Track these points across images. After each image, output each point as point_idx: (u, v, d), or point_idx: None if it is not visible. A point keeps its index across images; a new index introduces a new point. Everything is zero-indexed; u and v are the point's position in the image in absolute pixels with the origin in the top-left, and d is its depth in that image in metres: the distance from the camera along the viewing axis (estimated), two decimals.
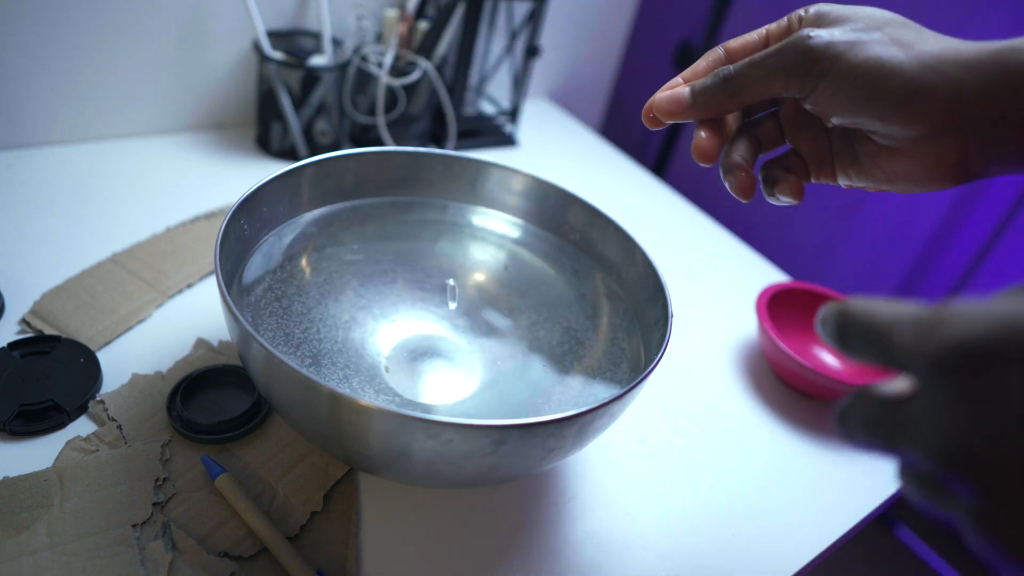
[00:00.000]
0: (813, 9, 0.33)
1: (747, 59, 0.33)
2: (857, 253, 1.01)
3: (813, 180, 0.37)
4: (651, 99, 0.36)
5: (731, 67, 0.33)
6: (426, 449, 0.33)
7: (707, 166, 0.36)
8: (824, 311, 0.23)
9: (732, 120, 0.38)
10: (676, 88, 0.35)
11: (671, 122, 0.36)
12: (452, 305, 0.52)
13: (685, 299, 0.67)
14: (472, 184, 0.54)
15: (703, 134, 0.35)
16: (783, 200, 0.37)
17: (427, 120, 0.79)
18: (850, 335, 0.21)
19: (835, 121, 0.32)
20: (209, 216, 0.61)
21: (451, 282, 0.51)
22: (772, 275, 0.74)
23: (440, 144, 0.81)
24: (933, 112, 0.29)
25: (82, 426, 0.42)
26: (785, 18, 0.35)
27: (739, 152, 0.36)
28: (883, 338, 0.20)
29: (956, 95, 0.29)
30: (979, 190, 0.85)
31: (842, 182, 0.36)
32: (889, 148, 0.32)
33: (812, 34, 0.31)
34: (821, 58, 0.30)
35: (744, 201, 0.36)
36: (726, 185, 0.36)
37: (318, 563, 0.38)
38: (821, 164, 0.36)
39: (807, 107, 0.32)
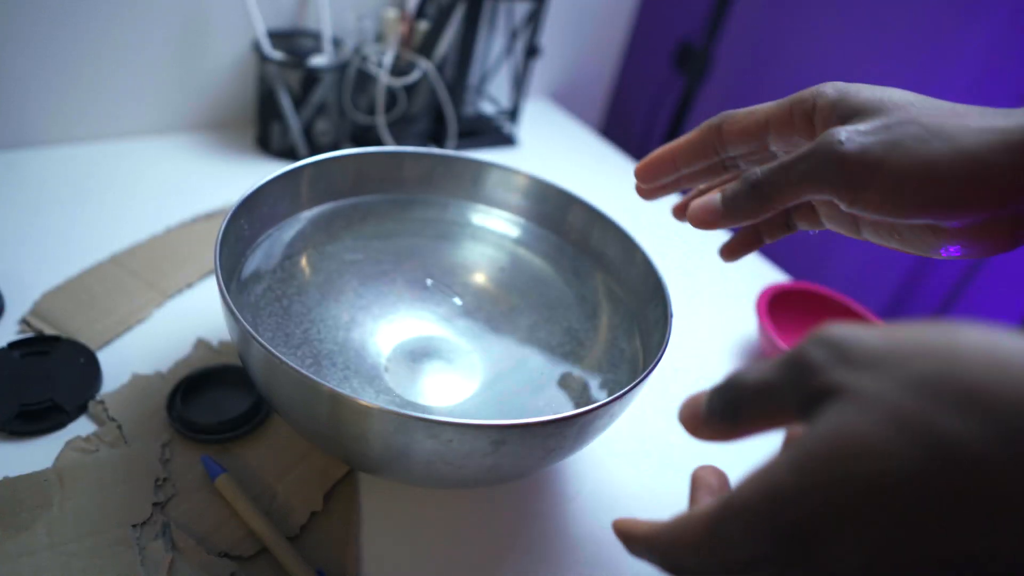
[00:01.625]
0: (831, 90, 0.30)
1: (777, 163, 0.30)
2: (857, 253, 1.01)
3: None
4: (686, 206, 0.37)
5: (759, 172, 0.31)
6: (426, 449, 0.33)
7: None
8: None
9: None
10: (707, 197, 0.34)
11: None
12: (457, 300, 0.52)
13: (685, 299, 0.67)
14: (472, 184, 0.54)
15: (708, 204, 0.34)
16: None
17: (427, 120, 0.79)
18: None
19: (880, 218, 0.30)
20: (209, 216, 0.61)
21: (429, 282, 0.51)
22: (772, 275, 0.74)
23: (440, 144, 0.81)
24: (988, 204, 0.27)
25: (82, 426, 0.42)
26: (797, 95, 0.32)
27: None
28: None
29: (1009, 182, 0.27)
30: None
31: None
32: (938, 228, 0.30)
33: (843, 139, 0.28)
34: (859, 169, 0.28)
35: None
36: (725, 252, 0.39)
37: (318, 563, 0.38)
38: (851, 227, 0.35)
39: (845, 209, 0.30)
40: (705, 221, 0.34)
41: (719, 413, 0.24)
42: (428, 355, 0.49)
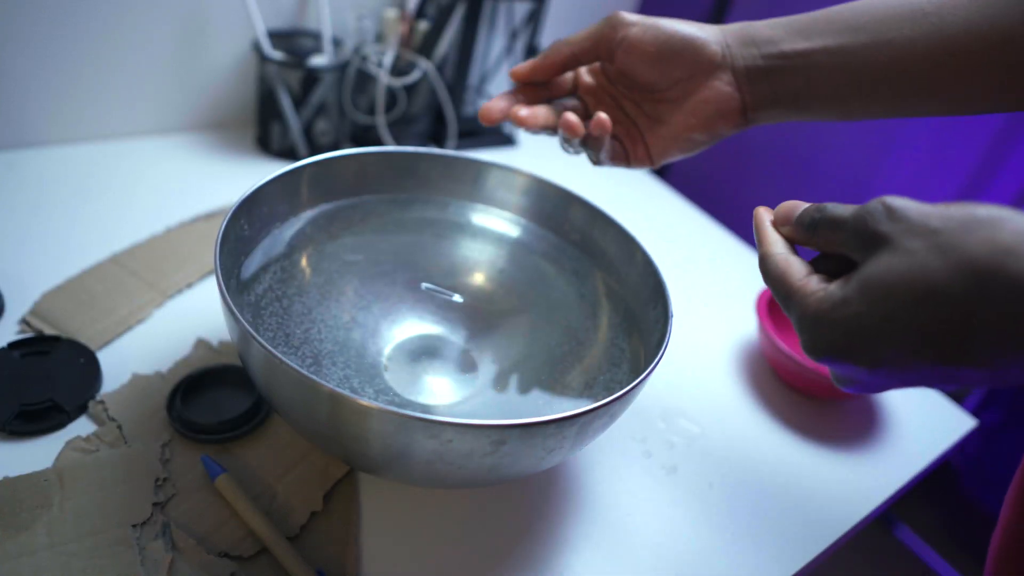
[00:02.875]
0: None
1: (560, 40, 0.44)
2: None
3: (631, 161, 0.46)
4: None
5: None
6: (426, 449, 0.33)
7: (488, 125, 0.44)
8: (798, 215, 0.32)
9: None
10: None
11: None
12: (457, 297, 0.52)
13: (685, 299, 0.67)
14: (472, 184, 0.54)
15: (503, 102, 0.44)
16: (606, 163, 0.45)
17: (427, 120, 0.79)
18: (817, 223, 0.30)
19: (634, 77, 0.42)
20: (209, 216, 0.61)
21: (425, 286, 0.52)
22: None
23: (440, 144, 0.81)
24: (705, 58, 0.40)
25: (82, 426, 0.42)
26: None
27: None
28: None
29: (722, 47, 0.41)
30: (981, 187, 0.85)
31: (654, 151, 0.44)
32: (675, 100, 0.42)
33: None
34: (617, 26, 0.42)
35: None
36: (593, 151, 0.44)
37: (318, 563, 0.38)
38: (631, 137, 0.45)
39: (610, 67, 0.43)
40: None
41: (805, 223, 0.31)
42: (428, 355, 0.49)
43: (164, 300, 0.52)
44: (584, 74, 0.46)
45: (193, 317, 0.51)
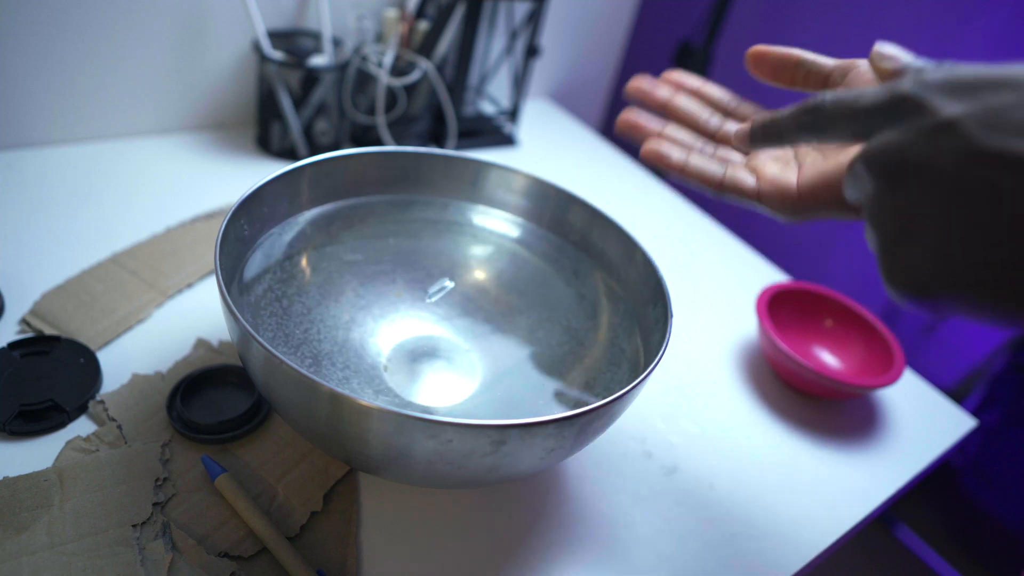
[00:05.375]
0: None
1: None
2: (857, 253, 1.01)
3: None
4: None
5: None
6: (426, 449, 0.33)
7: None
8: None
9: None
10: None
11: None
12: (449, 283, 0.52)
13: (685, 299, 0.67)
14: (472, 184, 0.54)
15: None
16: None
17: (427, 120, 0.79)
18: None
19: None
20: (209, 216, 0.61)
21: (429, 300, 0.52)
22: (772, 275, 0.74)
23: (440, 144, 0.81)
24: None
25: (82, 426, 0.42)
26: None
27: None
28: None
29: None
30: None
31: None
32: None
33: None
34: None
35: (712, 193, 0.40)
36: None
37: (318, 563, 0.38)
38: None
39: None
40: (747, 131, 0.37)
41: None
42: (428, 355, 0.49)
43: (164, 300, 0.52)
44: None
45: (193, 317, 0.51)
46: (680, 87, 0.42)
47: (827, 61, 0.37)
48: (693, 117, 0.41)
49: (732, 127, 0.41)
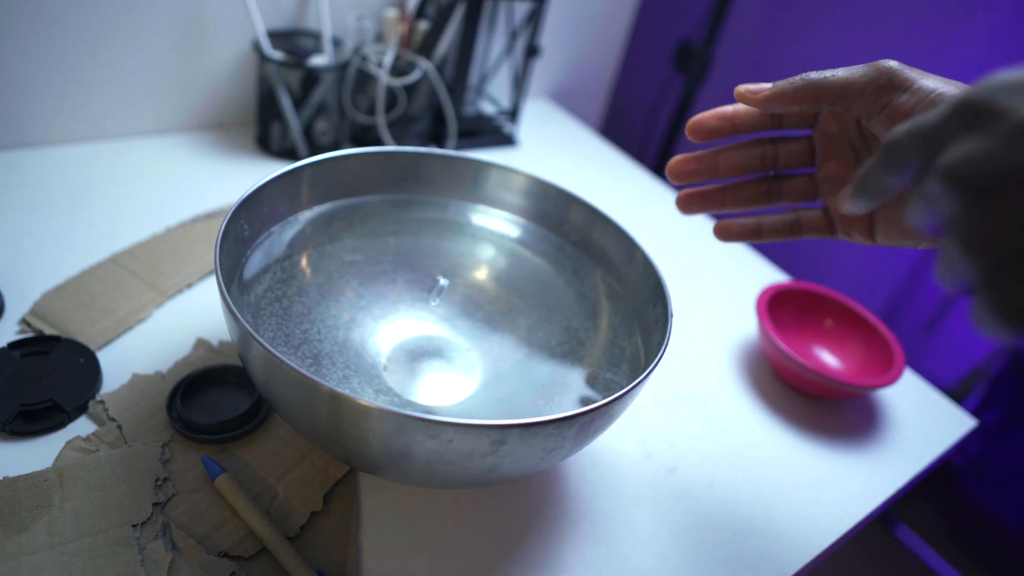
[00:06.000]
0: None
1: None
2: (857, 253, 1.01)
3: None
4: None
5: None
6: (426, 449, 0.33)
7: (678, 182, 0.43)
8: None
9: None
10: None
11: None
12: (443, 281, 0.52)
13: (685, 299, 0.67)
14: (472, 184, 0.54)
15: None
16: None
17: (427, 120, 0.79)
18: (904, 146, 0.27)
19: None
20: (209, 216, 0.61)
21: (438, 295, 0.52)
22: (772, 275, 0.74)
23: (440, 144, 0.81)
24: None
25: (82, 426, 0.42)
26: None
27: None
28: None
29: None
30: None
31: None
32: None
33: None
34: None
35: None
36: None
37: (318, 563, 0.38)
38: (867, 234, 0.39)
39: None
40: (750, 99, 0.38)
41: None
42: (428, 355, 0.49)
43: (164, 300, 0.52)
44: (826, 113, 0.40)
45: (193, 317, 0.51)
46: (713, 132, 0.41)
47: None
48: (743, 165, 0.42)
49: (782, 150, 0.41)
